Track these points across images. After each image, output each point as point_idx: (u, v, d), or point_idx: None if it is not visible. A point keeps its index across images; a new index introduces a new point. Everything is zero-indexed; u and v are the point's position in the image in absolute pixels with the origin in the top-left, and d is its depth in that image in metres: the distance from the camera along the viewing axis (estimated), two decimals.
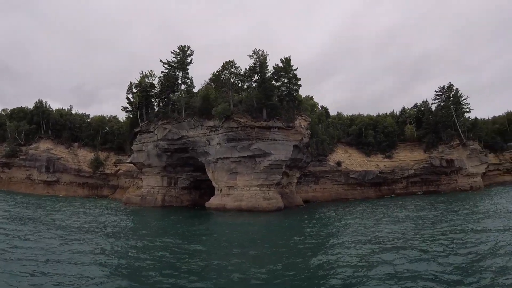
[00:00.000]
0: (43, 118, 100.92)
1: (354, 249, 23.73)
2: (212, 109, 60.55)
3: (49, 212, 47.62)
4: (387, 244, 24.86)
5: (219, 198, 60.14)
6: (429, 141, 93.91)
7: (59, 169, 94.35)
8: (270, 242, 28.80)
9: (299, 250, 24.64)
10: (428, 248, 22.94)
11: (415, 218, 40.06)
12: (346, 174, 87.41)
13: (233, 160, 59.44)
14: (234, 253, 23.42)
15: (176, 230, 35.82)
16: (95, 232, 31.62)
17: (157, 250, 24.58)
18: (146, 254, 23.12)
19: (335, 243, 26.45)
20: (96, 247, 24.33)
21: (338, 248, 24.27)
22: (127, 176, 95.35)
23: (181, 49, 70.77)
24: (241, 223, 43.19)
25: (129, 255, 23.10)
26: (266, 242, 28.87)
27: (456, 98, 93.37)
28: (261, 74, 62.00)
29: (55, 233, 29.82)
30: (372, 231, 30.67)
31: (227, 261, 21.43)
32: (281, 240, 30.19)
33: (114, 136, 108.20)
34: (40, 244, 24.71)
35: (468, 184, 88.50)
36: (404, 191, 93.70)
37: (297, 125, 61.98)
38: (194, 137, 62.94)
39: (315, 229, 34.81)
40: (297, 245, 26.50)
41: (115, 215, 50.20)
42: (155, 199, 67.85)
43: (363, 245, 24.76)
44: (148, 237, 30.04)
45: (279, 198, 60.69)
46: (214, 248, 25.89)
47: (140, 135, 70.56)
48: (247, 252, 24.18)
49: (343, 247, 24.69)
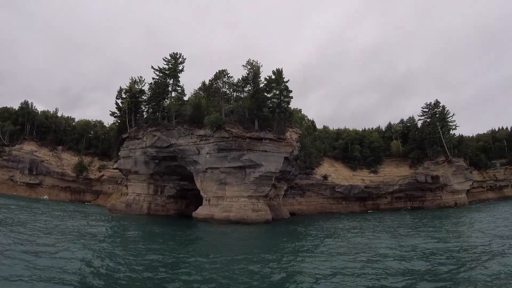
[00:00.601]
0: (28, 120, 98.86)
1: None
2: (203, 118, 60.21)
3: (33, 216, 46.21)
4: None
5: (207, 208, 59.39)
6: (414, 157, 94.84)
7: (42, 172, 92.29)
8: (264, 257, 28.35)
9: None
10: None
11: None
12: (332, 188, 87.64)
13: (222, 170, 58.88)
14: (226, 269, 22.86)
15: (164, 240, 34.96)
16: (80, 239, 30.55)
17: (142, 261, 23.84)
18: (130, 265, 22.47)
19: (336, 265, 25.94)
20: (78, 256, 23.41)
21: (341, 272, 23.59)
22: (110, 182, 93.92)
23: (173, 56, 70.27)
24: (230, 234, 42.61)
25: (110, 265, 22.31)
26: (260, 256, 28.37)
27: (443, 115, 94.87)
28: (254, 84, 62.00)
29: (40, 240, 28.73)
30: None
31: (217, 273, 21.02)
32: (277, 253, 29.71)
33: (99, 141, 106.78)
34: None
35: (453, 200, 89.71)
36: (389, 207, 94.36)
37: (288, 137, 62.04)
38: (184, 146, 62.26)
39: (311, 243, 34.45)
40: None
41: (100, 221, 49.19)
42: (141, 207, 66.72)
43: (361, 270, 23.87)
44: (134, 246, 29.38)
45: (267, 210, 60.42)
46: (202, 259, 25.28)
47: (128, 141, 69.55)
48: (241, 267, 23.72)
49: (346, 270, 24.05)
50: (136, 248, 28.36)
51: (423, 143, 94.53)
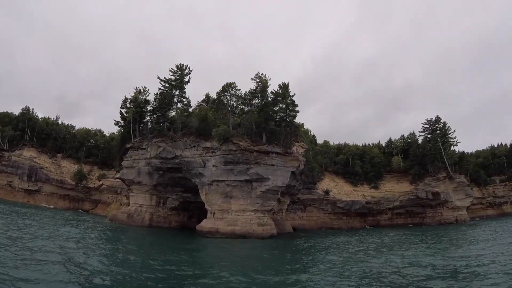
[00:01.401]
0: (29, 126, 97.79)
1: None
2: (209, 130, 59.94)
3: (33, 225, 45.18)
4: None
5: (212, 221, 58.65)
6: (415, 173, 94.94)
7: (41, 179, 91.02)
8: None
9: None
10: None
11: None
12: (333, 203, 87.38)
13: (228, 183, 58.34)
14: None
15: (168, 253, 34.21)
16: (81, 250, 29.74)
17: (146, 275, 23.37)
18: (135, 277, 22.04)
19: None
20: (81, 268, 22.78)
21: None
22: (110, 192, 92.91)
23: (179, 67, 70.21)
24: (237, 249, 41.90)
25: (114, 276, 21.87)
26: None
27: (444, 131, 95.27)
28: (262, 98, 61.86)
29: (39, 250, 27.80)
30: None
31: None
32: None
33: (98, 150, 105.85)
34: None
35: (454, 217, 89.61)
36: (389, 223, 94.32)
37: (295, 152, 61.71)
38: (189, 157, 61.74)
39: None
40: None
41: (102, 232, 48.34)
42: (143, 218, 65.83)
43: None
44: (139, 259, 28.76)
45: (272, 224, 59.94)
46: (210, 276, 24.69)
47: (132, 151, 68.93)
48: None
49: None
50: (141, 262, 27.79)
51: (424, 159, 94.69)
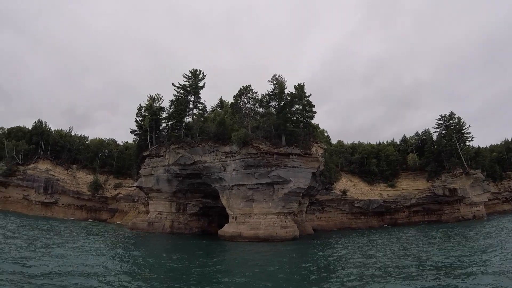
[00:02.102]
0: (43, 139, 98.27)
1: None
2: (227, 135, 59.80)
3: (61, 237, 45.04)
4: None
5: (234, 226, 58.37)
6: (431, 170, 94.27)
7: (58, 191, 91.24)
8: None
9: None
10: None
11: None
12: (351, 203, 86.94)
13: (250, 187, 58.04)
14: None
15: (201, 260, 33.89)
16: (114, 264, 29.19)
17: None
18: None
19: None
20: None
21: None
22: (127, 201, 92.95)
23: (193, 73, 70.19)
24: (267, 253, 41.40)
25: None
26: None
27: (458, 127, 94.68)
28: (280, 99, 61.64)
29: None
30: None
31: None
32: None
33: (113, 159, 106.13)
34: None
35: (471, 213, 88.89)
36: (407, 221, 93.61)
37: (314, 152, 61.46)
38: (209, 163, 61.55)
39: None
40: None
41: (128, 242, 48.10)
42: (163, 225, 65.69)
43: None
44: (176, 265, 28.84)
45: (295, 226, 59.56)
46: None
47: (149, 159, 68.90)
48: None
49: None
50: (173, 267, 28.00)
51: (440, 155, 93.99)
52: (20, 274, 21.42)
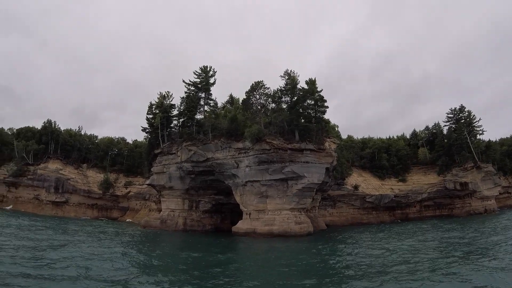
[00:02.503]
0: (52, 138, 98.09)
1: None
2: (240, 131, 59.57)
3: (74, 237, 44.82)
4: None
5: (248, 222, 58.20)
6: (442, 164, 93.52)
7: (68, 190, 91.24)
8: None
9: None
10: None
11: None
12: (362, 198, 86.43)
13: (263, 183, 57.80)
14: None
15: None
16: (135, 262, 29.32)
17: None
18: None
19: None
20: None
21: None
22: (138, 199, 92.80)
23: (204, 70, 69.90)
24: (286, 249, 41.18)
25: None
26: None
27: (469, 120, 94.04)
28: (292, 95, 61.26)
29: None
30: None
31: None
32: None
33: (123, 158, 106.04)
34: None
35: (483, 207, 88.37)
36: (418, 215, 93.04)
37: (327, 148, 61.10)
38: (222, 159, 61.33)
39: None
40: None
41: (142, 239, 48.12)
42: (176, 223, 65.61)
43: None
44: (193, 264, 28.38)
45: (309, 222, 59.42)
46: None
47: (161, 156, 68.78)
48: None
49: None
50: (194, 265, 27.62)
51: (451, 149, 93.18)
52: (45, 278, 21.12)
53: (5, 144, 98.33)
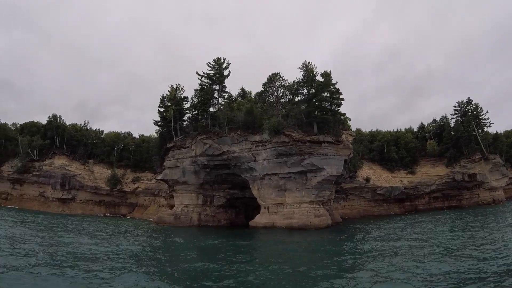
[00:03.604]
0: (58, 133, 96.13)
1: None
2: (257, 124, 58.73)
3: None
4: None
5: (267, 216, 57.47)
6: (451, 156, 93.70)
7: (75, 186, 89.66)
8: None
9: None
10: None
11: None
12: (373, 190, 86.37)
13: (282, 176, 57.09)
14: None
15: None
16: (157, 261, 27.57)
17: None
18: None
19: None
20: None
21: None
22: (147, 194, 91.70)
23: (217, 62, 68.64)
24: (317, 243, 40.53)
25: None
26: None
27: (476, 113, 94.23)
28: (311, 87, 60.40)
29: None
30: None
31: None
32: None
33: (130, 153, 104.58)
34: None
35: (491, 197, 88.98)
36: (427, 207, 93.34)
37: (344, 140, 60.46)
38: (238, 153, 60.37)
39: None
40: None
41: (159, 235, 47.15)
42: (191, 218, 64.58)
43: None
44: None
45: (327, 214, 58.83)
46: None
47: (174, 150, 67.60)
48: None
49: None
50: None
51: (459, 141, 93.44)
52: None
53: (9, 139, 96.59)
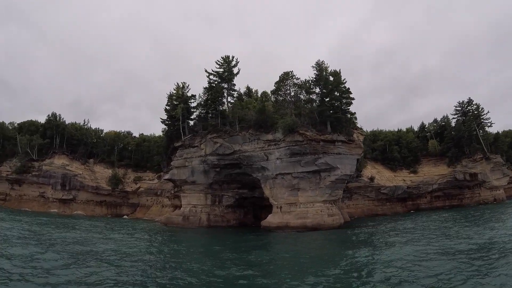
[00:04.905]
0: (57, 132, 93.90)
1: None
2: (269, 122, 58.10)
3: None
4: None
5: (280, 216, 56.77)
6: (452, 155, 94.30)
7: (76, 187, 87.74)
8: None
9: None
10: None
11: None
12: (377, 190, 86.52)
13: (295, 175, 56.47)
14: None
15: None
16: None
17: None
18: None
19: None
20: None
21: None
22: (149, 195, 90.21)
23: (225, 59, 67.69)
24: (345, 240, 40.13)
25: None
26: None
27: (477, 113, 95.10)
28: (324, 86, 59.99)
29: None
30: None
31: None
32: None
33: (130, 152, 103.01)
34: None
35: (492, 196, 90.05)
36: (429, 206, 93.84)
37: (356, 139, 60.23)
38: (250, 152, 59.59)
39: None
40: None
41: (171, 238, 46.27)
42: (199, 219, 63.54)
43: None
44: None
45: (340, 213, 58.85)
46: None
47: (182, 150, 66.55)
48: None
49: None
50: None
51: (461, 141, 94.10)
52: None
53: (7, 139, 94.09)
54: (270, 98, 70.13)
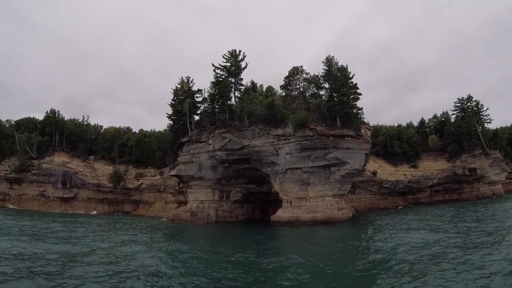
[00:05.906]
0: (57, 129, 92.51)
1: None
2: (279, 117, 57.99)
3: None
4: None
5: (290, 210, 56.79)
6: (452, 150, 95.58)
7: (77, 184, 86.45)
8: None
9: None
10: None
11: None
12: (379, 184, 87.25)
13: (305, 170, 56.49)
14: None
15: None
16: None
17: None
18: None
19: None
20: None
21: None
22: (151, 191, 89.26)
23: (232, 54, 67.03)
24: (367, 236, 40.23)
25: None
26: None
27: (476, 109, 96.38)
28: (334, 81, 60.05)
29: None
30: None
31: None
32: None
33: (131, 148, 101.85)
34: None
35: (490, 191, 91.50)
36: (429, 200, 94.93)
37: (364, 134, 60.60)
38: (259, 147, 59.41)
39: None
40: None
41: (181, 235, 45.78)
42: (208, 215, 63.24)
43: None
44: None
45: (348, 207, 59.83)
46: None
47: (189, 145, 66.06)
48: None
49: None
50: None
51: (460, 137, 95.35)
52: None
53: (5, 137, 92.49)
54: (275, 92, 69.65)
